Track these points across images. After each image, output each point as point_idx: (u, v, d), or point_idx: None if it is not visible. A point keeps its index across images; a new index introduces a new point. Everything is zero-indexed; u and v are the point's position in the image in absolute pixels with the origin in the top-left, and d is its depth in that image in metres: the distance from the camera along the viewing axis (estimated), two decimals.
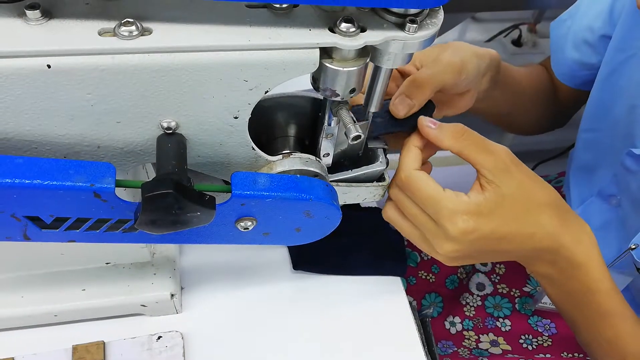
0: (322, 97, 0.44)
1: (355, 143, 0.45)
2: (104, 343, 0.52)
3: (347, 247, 0.64)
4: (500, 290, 0.78)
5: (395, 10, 0.38)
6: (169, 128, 0.40)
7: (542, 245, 0.49)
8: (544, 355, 0.71)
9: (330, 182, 0.50)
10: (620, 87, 0.70)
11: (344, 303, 0.60)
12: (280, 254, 0.63)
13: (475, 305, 0.77)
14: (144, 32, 0.35)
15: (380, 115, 0.52)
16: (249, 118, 0.42)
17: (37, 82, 0.35)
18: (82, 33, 0.35)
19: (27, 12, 0.35)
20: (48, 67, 0.34)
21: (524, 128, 0.88)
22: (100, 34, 0.35)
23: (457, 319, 0.76)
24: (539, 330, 0.74)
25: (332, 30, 0.38)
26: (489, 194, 0.47)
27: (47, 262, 0.52)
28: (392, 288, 0.62)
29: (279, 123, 0.52)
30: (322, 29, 0.38)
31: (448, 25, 1.55)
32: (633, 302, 0.70)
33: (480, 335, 0.75)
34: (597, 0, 0.74)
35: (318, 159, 0.48)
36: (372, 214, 0.69)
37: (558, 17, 0.80)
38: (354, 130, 0.43)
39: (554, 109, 0.85)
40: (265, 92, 0.39)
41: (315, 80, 0.42)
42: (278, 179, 0.43)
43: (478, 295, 0.78)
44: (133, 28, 0.35)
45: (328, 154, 0.50)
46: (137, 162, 0.43)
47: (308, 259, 0.62)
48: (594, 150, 0.77)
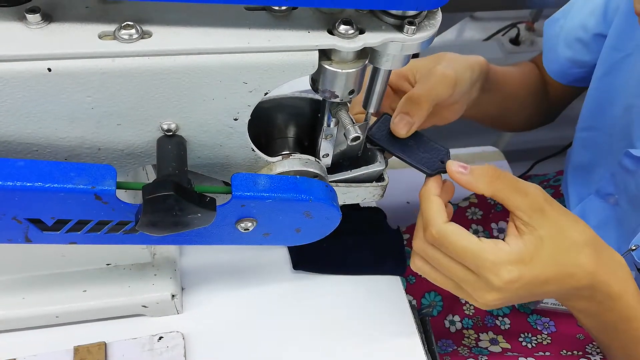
0: (321, 98, 0.45)
1: (355, 144, 0.46)
2: (105, 344, 0.53)
3: (347, 247, 0.64)
4: None
5: (394, 12, 0.38)
6: (169, 130, 0.40)
7: (580, 284, 0.48)
8: (544, 354, 0.71)
9: (330, 182, 0.50)
10: (617, 86, 0.70)
11: (344, 302, 0.61)
12: (280, 254, 0.64)
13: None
14: (144, 35, 0.36)
15: (380, 135, 0.52)
16: (249, 119, 0.42)
17: (37, 85, 0.35)
18: (82, 36, 0.35)
19: (27, 15, 0.35)
20: (49, 70, 0.34)
21: (514, 126, 0.89)
22: (101, 37, 0.35)
23: (456, 318, 0.77)
24: (538, 329, 0.74)
25: (330, 33, 0.38)
26: (528, 238, 0.46)
27: (48, 263, 0.53)
28: (392, 287, 0.63)
29: (279, 124, 0.52)
30: (321, 31, 0.38)
31: (446, 25, 1.55)
32: None
33: (480, 334, 0.75)
34: None
35: (317, 160, 0.49)
36: (371, 214, 0.69)
37: (552, 15, 0.80)
38: (353, 132, 0.44)
39: (545, 106, 0.85)
40: (265, 94, 0.40)
41: (315, 82, 0.42)
42: (278, 180, 0.43)
43: None
44: (133, 31, 0.35)
45: (327, 155, 0.50)
46: (137, 164, 0.43)
47: (308, 259, 0.62)
48: (591, 149, 0.78)
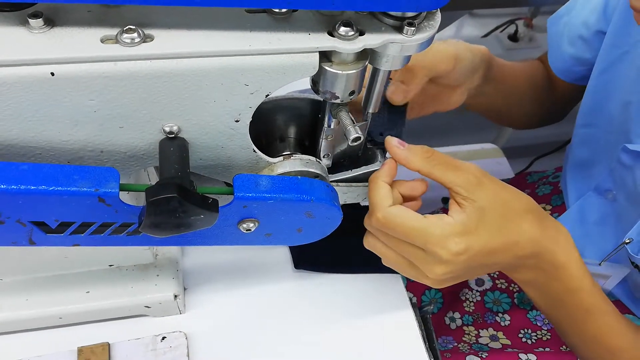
0: (321, 99, 0.45)
1: (355, 144, 0.46)
2: (109, 344, 0.53)
3: (347, 246, 0.64)
4: (499, 286, 0.79)
5: (393, 14, 0.38)
6: (171, 132, 0.41)
7: (525, 252, 0.49)
8: (543, 349, 0.72)
9: (331, 182, 0.50)
10: (615, 83, 0.70)
11: (346, 301, 0.61)
12: (282, 254, 0.64)
13: (475, 301, 0.78)
14: (146, 38, 0.36)
15: (381, 124, 0.53)
16: (250, 121, 0.42)
17: (41, 89, 0.35)
18: (84, 40, 0.35)
19: (30, 20, 0.35)
20: (52, 74, 0.35)
21: (520, 122, 0.89)
22: (103, 41, 0.35)
23: (456, 315, 0.77)
24: (538, 325, 0.75)
25: (331, 34, 0.38)
26: (469, 210, 0.46)
27: (51, 265, 0.53)
28: (392, 285, 0.63)
29: (279, 125, 0.52)
30: (321, 33, 0.38)
31: (445, 22, 1.55)
32: (629, 295, 0.71)
33: (480, 330, 0.75)
34: None
35: (318, 160, 0.49)
36: None
37: (555, 12, 0.80)
38: (354, 132, 0.44)
39: (551, 104, 0.85)
40: (266, 95, 0.40)
41: (315, 83, 0.42)
42: (279, 181, 0.43)
43: (477, 291, 0.78)
44: (135, 35, 0.35)
45: (328, 155, 0.51)
46: (140, 166, 0.44)
47: (309, 259, 0.63)
48: (590, 146, 0.78)
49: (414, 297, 0.78)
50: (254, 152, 0.45)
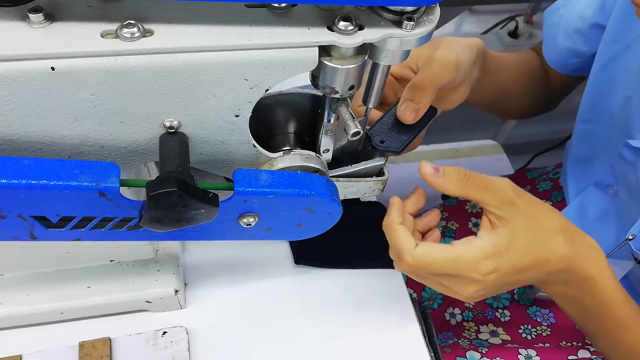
0: (321, 94, 0.45)
1: (355, 139, 0.46)
2: (110, 339, 0.53)
3: (347, 241, 0.65)
4: None
5: (393, 8, 0.38)
6: (171, 127, 0.41)
7: (556, 269, 0.50)
8: (543, 345, 0.72)
9: (331, 177, 0.51)
10: (616, 78, 0.70)
11: (346, 296, 0.61)
12: (282, 249, 0.64)
13: None
14: (146, 33, 0.36)
15: (391, 129, 0.53)
16: (250, 116, 0.42)
17: (41, 84, 0.35)
18: (84, 35, 0.35)
19: (30, 15, 0.35)
20: (52, 69, 0.35)
21: (515, 113, 0.89)
22: (103, 36, 0.36)
23: (457, 310, 0.77)
24: (538, 320, 0.75)
25: (330, 29, 0.38)
26: (501, 230, 0.47)
27: (52, 260, 0.53)
28: (392, 281, 0.63)
29: (279, 120, 0.52)
30: (320, 28, 0.38)
31: (445, 18, 1.55)
32: (631, 290, 0.71)
33: (480, 326, 0.76)
34: None
35: (318, 155, 0.49)
36: (371, 209, 0.69)
37: (552, 4, 0.80)
38: (354, 127, 0.44)
39: (545, 94, 0.85)
40: (266, 90, 0.40)
41: (315, 78, 0.42)
42: (279, 176, 0.44)
43: None
44: (135, 30, 0.35)
45: (328, 150, 0.51)
46: (140, 161, 0.44)
47: (309, 254, 0.63)
48: (591, 142, 0.78)
49: (414, 292, 0.79)
50: (254, 147, 0.45)
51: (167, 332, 0.54)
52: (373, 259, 0.64)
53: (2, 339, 0.54)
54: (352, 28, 0.38)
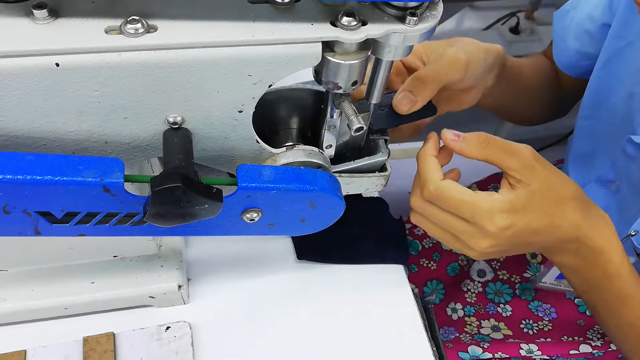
0: (324, 89, 0.45)
1: (358, 134, 0.46)
2: (114, 334, 0.53)
3: (350, 236, 0.65)
4: (501, 277, 0.79)
5: (396, 4, 0.38)
6: (175, 123, 0.41)
7: (566, 236, 0.51)
8: (545, 339, 0.72)
9: (333, 173, 0.51)
10: (618, 74, 0.70)
11: (348, 291, 0.61)
12: (285, 244, 0.64)
13: (477, 292, 0.78)
14: (150, 29, 0.36)
15: (382, 109, 0.53)
16: (253, 111, 0.42)
17: (46, 80, 0.36)
18: (89, 31, 0.36)
19: (34, 11, 0.35)
20: (57, 65, 0.35)
21: (527, 119, 0.89)
22: (107, 32, 0.36)
23: (458, 305, 0.78)
24: (540, 315, 0.75)
25: (333, 24, 0.38)
26: (520, 192, 0.49)
27: (56, 256, 0.53)
28: (394, 276, 0.63)
29: (282, 116, 0.52)
30: (323, 23, 0.38)
31: (446, 15, 1.55)
32: None
33: (482, 321, 0.76)
34: None
35: (321, 151, 0.49)
36: (374, 204, 0.70)
37: (562, 7, 0.80)
38: (357, 122, 0.44)
39: (557, 99, 0.85)
40: (269, 86, 0.40)
41: (318, 74, 0.42)
42: (282, 171, 0.44)
43: (479, 282, 0.79)
44: (139, 26, 0.36)
45: (331, 146, 0.51)
46: (143, 156, 0.44)
47: (312, 249, 0.63)
48: (593, 137, 0.78)
49: (416, 287, 0.79)
50: (257, 142, 0.45)
51: (170, 327, 0.55)
52: (375, 254, 0.64)
53: (7, 334, 0.54)
54: (355, 24, 0.38)
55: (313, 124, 0.53)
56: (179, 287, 0.56)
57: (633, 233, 0.63)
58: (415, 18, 0.38)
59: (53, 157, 0.37)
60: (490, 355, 0.68)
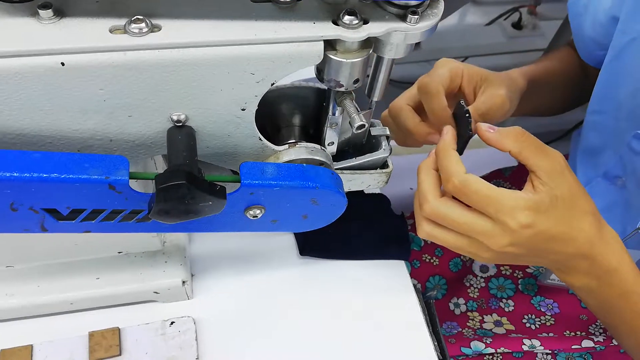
0: (326, 87, 0.46)
1: (359, 132, 0.47)
2: (119, 329, 0.54)
3: (352, 232, 0.65)
4: (504, 272, 0.79)
5: (397, 2, 0.39)
6: (179, 121, 0.41)
7: (580, 251, 0.50)
8: (547, 335, 0.72)
9: (335, 170, 0.51)
10: (625, 70, 0.70)
11: (350, 287, 0.62)
12: (287, 240, 0.65)
13: (479, 287, 0.79)
14: (154, 28, 0.37)
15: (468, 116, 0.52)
16: (256, 109, 0.43)
17: (51, 79, 0.36)
18: (93, 31, 0.36)
19: (39, 11, 0.36)
20: (62, 64, 0.35)
21: (549, 113, 0.89)
22: (112, 32, 0.36)
23: (461, 301, 0.78)
24: (542, 310, 0.75)
25: (335, 23, 0.39)
26: (544, 195, 0.47)
27: (62, 252, 0.54)
28: (396, 272, 0.64)
29: (285, 113, 0.53)
30: (325, 22, 0.39)
31: (448, 10, 1.54)
32: None
33: (484, 316, 0.76)
34: None
35: (323, 148, 0.50)
36: (375, 200, 0.70)
37: None
38: (359, 120, 0.45)
39: (583, 89, 0.84)
40: (272, 84, 0.41)
41: (320, 72, 0.43)
42: (285, 168, 0.44)
43: (482, 277, 0.79)
44: (143, 25, 0.36)
45: (333, 143, 0.51)
46: (148, 154, 0.44)
47: (314, 245, 0.64)
48: (600, 133, 0.78)
49: (418, 283, 0.79)
50: (260, 140, 0.46)
51: (174, 322, 0.55)
52: (377, 250, 0.65)
53: (13, 329, 0.55)
54: (356, 22, 0.38)
55: (315, 122, 0.54)
56: (183, 282, 0.56)
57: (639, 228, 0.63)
58: (417, 16, 0.38)
59: (59, 155, 0.38)
60: (493, 350, 0.69)
